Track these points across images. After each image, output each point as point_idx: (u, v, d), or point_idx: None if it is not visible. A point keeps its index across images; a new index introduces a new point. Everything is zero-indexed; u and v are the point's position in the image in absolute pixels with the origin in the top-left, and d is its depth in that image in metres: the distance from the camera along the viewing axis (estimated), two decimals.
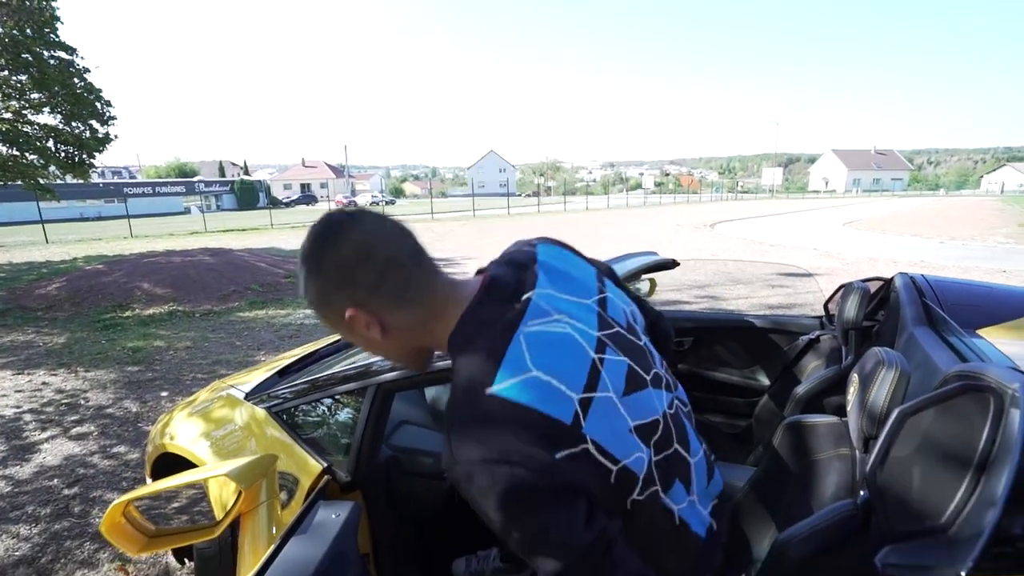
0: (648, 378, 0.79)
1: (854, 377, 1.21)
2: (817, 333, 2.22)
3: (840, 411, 1.78)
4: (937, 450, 0.89)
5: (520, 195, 75.63)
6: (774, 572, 1.06)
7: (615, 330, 0.78)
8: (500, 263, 0.80)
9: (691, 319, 2.65)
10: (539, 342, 0.67)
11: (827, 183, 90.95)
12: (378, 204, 38.82)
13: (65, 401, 4.15)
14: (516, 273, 0.76)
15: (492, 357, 0.65)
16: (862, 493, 1.02)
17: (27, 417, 3.87)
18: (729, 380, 2.56)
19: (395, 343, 0.74)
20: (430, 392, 1.68)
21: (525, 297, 0.72)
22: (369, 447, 1.34)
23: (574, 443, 0.63)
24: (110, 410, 3.96)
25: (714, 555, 0.87)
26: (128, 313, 7.00)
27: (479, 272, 0.81)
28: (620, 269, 1.92)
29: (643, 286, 3.21)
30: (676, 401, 0.87)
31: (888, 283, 2.05)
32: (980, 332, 1.61)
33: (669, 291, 7.05)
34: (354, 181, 72.96)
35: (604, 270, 0.92)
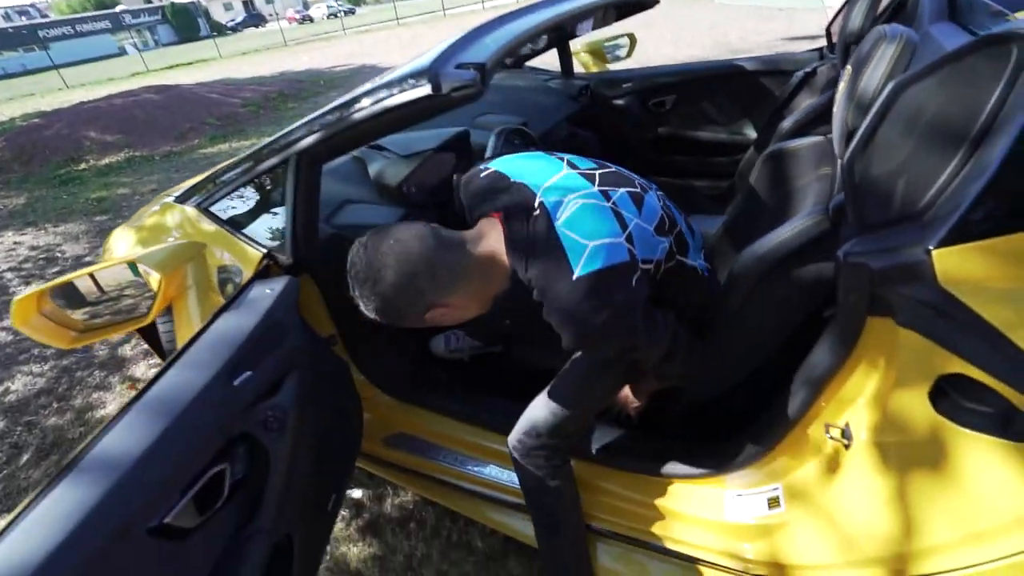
0: (638, 189, 0.98)
1: (846, 70, 0.99)
2: (814, 65, 1.92)
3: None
4: (931, 125, 0.72)
5: None
6: (738, 283, 0.99)
7: (596, 174, 0.97)
8: (490, 200, 0.94)
9: (673, 72, 2.32)
10: (574, 224, 0.84)
11: None
12: (337, 15, 33.91)
13: (42, 256, 4.07)
14: (511, 196, 0.91)
15: (555, 257, 0.82)
16: (835, 196, 0.88)
17: (8, 275, 3.82)
18: (715, 139, 2.34)
19: (474, 307, 0.90)
20: (373, 167, 1.49)
21: (537, 203, 0.87)
22: (305, 225, 1.21)
23: (637, 269, 0.86)
24: (88, 258, 3.88)
25: (715, 284, 1.09)
26: (83, 165, 6.57)
27: (479, 219, 0.96)
28: (591, 1, 1.55)
29: (622, 47, 2.79)
30: (657, 191, 1.06)
31: None
32: (1015, 16, 1.32)
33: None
34: None
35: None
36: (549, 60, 2.50)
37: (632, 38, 2.73)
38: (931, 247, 0.66)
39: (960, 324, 0.66)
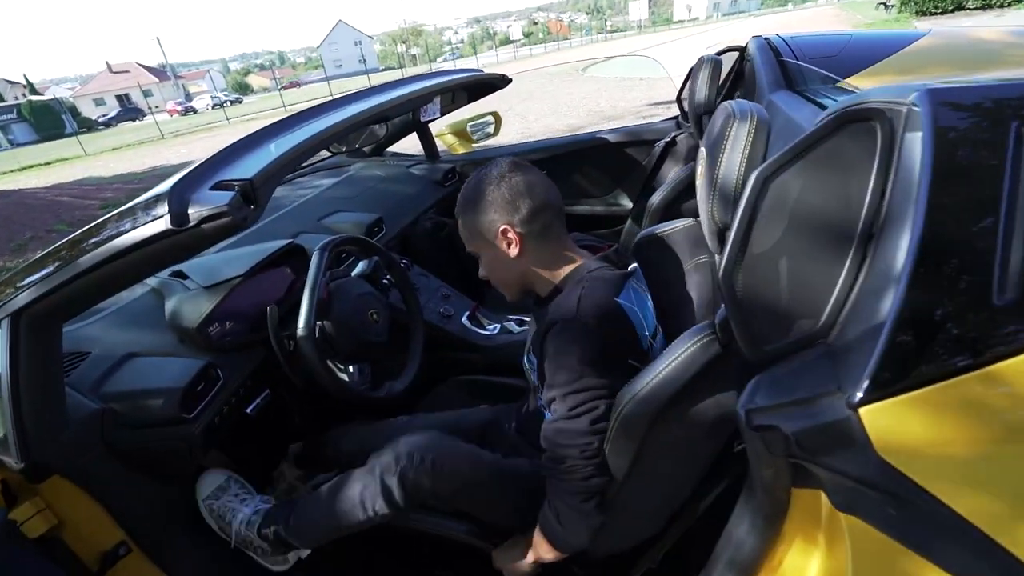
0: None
1: (701, 153, 0.85)
2: (673, 135, 1.90)
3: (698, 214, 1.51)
4: (808, 222, 0.62)
5: (381, 69, 68.65)
6: (628, 430, 0.79)
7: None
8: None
9: (539, 149, 2.24)
10: (638, 292, 0.94)
11: (690, 11, 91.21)
12: (222, 105, 33.04)
13: None
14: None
15: (615, 286, 0.90)
16: (720, 310, 0.71)
17: None
18: (592, 212, 2.26)
19: (517, 268, 0.94)
20: (169, 303, 1.16)
21: (631, 267, 0.99)
22: (40, 409, 0.87)
23: (638, 360, 0.86)
24: None
25: None
26: None
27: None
28: (426, 87, 1.39)
29: (489, 125, 2.71)
30: None
31: (743, 52, 1.71)
32: (845, 83, 1.32)
33: (542, 137, 6.62)
34: (184, 82, 61.71)
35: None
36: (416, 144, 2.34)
37: (497, 116, 2.66)
38: (855, 401, 0.48)
39: (921, 514, 0.47)
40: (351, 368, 1.16)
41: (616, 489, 0.85)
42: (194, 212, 0.71)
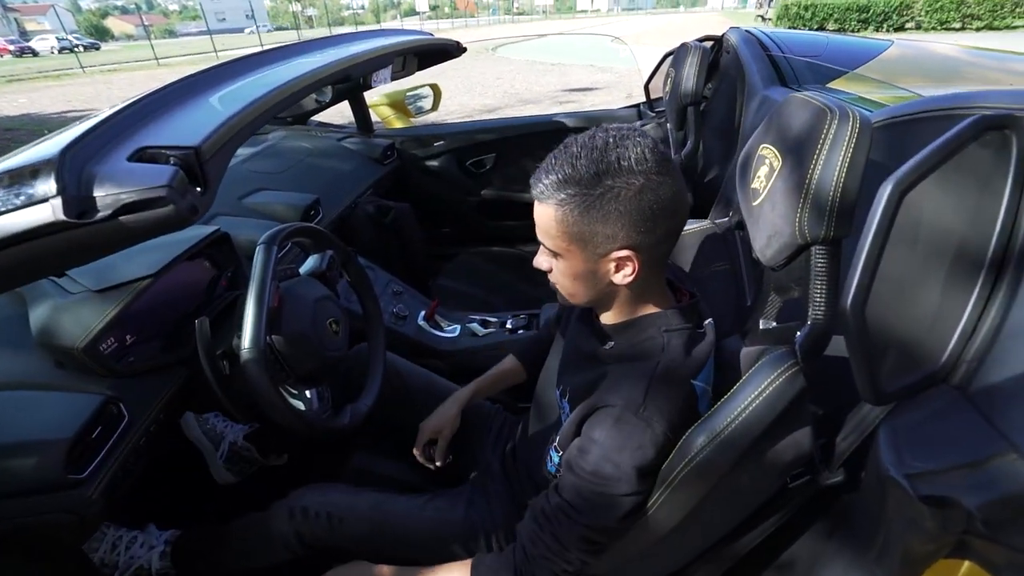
0: None
1: (751, 151, 0.74)
2: (637, 124, 1.80)
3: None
4: (935, 245, 0.56)
5: (272, 28, 62.68)
6: (701, 478, 0.66)
7: None
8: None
9: (489, 128, 2.04)
10: (709, 369, 0.73)
11: (592, 2, 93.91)
12: (72, 50, 27.86)
13: None
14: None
15: (700, 359, 0.71)
16: (803, 327, 0.60)
17: None
18: None
19: (608, 291, 0.73)
20: (37, 313, 0.83)
21: (708, 323, 0.76)
22: None
23: None
24: None
25: None
26: None
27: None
28: (383, 46, 1.15)
29: (424, 99, 2.45)
30: None
31: (718, 43, 1.64)
32: (831, 85, 1.29)
33: (458, 118, 6.36)
34: (18, 16, 51.77)
35: None
36: (341, 111, 2.03)
37: (436, 88, 2.42)
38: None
39: None
40: (307, 393, 0.92)
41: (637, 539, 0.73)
42: (105, 195, 0.46)
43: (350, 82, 1.00)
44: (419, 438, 1.02)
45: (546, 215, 0.67)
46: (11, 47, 31.53)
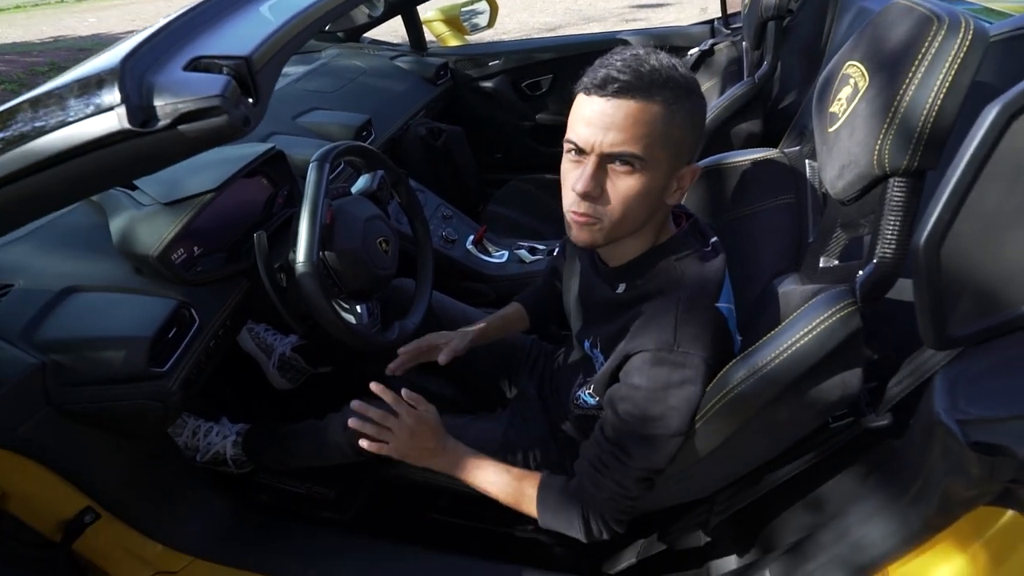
0: None
1: (835, 68, 0.67)
2: (710, 43, 1.65)
3: (752, 141, 1.33)
4: None
5: None
6: (735, 411, 0.66)
7: None
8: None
9: (547, 47, 1.93)
10: (728, 288, 0.73)
11: None
12: None
13: None
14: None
15: (717, 280, 0.70)
16: (866, 266, 0.56)
17: None
18: None
19: (652, 216, 0.69)
20: (116, 223, 0.89)
21: (713, 241, 0.75)
22: None
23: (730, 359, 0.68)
24: None
25: None
26: None
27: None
28: None
29: (480, 15, 2.33)
30: None
31: None
32: None
33: (517, 36, 6.04)
34: None
35: None
36: (394, 28, 1.97)
37: (492, 3, 2.28)
38: None
39: None
40: (358, 308, 0.96)
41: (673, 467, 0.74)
42: (164, 104, 0.47)
43: None
44: (419, 343, 0.99)
45: (643, 113, 0.59)
46: None
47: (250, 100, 0.51)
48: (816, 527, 0.69)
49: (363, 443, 0.80)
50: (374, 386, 0.80)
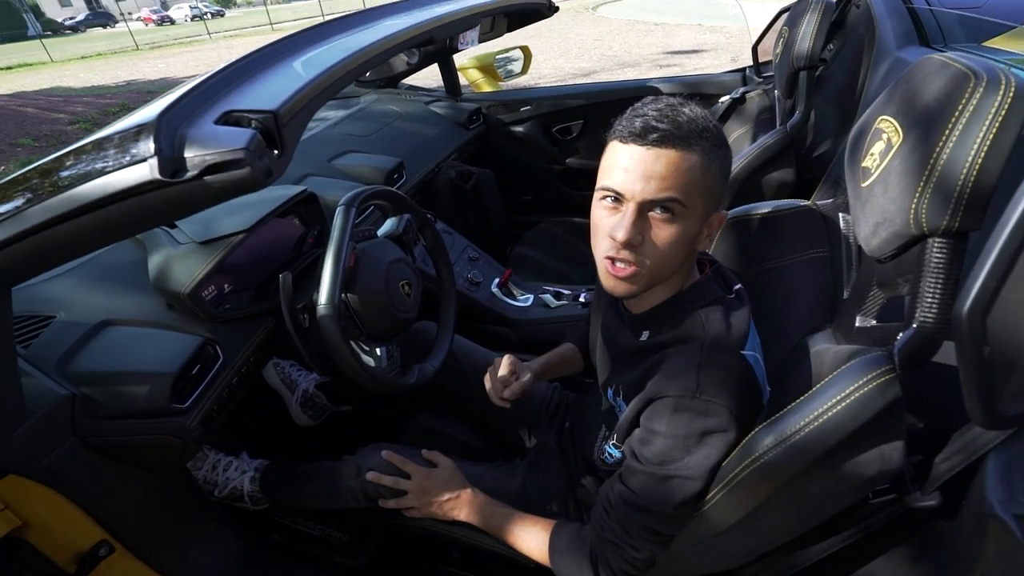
0: None
1: (868, 121, 0.65)
2: (741, 91, 1.65)
3: (784, 191, 1.30)
4: None
5: None
6: (764, 480, 0.62)
7: None
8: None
9: (578, 94, 1.97)
10: (754, 337, 0.72)
11: None
12: (201, 17, 30.59)
13: None
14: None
15: (742, 328, 0.69)
16: (906, 330, 0.53)
17: None
18: None
19: (683, 262, 0.69)
20: (154, 260, 0.93)
21: (738, 289, 0.74)
22: None
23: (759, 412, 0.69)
24: None
25: None
26: None
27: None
28: (471, 6, 1.13)
29: (515, 62, 2.41)
30: None
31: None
32: (992, 43, 1.09)
33: (550, 83, 6.21)
34: None
35: None
36: (433, 75, 2.05)
37: (526, 51, 2.36)
38: None
39: None
40: (377, 350, 0.96)
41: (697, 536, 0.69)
42: (194, 156, 0.49)
43: (435, 44, 0.99)
44: (498, 366, 0.97)
45: (683, 161, 0.61)
46: (154, 16, 34.99)
47: (275, 152, 0.53)
48: None
49: (382, 502, 0.83)
50: (385, 454, 0.84)
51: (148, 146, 0.49)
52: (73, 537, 0.85)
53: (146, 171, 0.49)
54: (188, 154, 0.49)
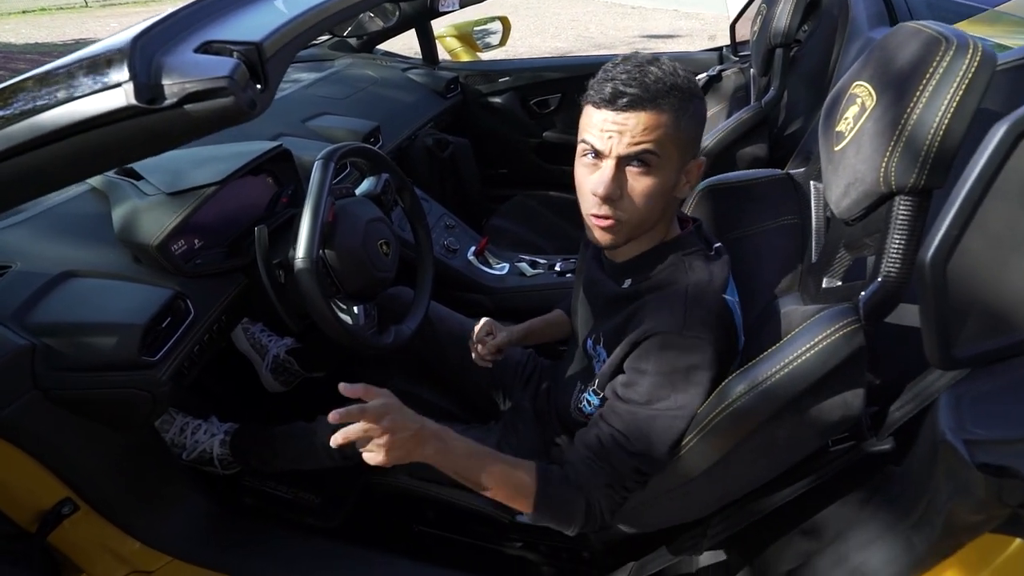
0: None
1: (845, 85, 0.68)
2: (718, 68, 1.67)
3: (757, 165, 1.34)
4: None
5: None
6: (735, 426, 0.65)
7: None
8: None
9: (557, 67, 1.96)
10: (733, 287, 0.75)
11: None
12: None
13: None
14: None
15: (723, 275, 0.72)
16: (871, 284, 0.56)
17: None
18: None
19: (663, 211, 0.72)
20: (118, 211, 0.89)
21: (718, 246, 0.77)
22: None
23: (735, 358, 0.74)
24: None
25: None
26: None
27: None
28: None
29: (493, 33, 2.37)
30: None
31: None
32: (957, 26, 1.14)
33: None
34: None
35: None
36: (409, 45, 2.00)
37: (506, 22, 2.33)
38: None
39: None
40: (355, 309, 0.95)
41: (671, 481, 0.73)
42: (172, 83, 0.47)
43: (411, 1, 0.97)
44: (480, 327, 0.99)
45: (653, 120, 0.65)
46: None
47: (258, 86, 0.51)
48: (813, 553, 0.67)
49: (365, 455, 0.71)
50: (342, 386, 0.68)
51: (122, 72, 0.46)
52: (34, 494, 0.82)
53: (121, 97, 0.46)
54: (166, 81, 0.47)
